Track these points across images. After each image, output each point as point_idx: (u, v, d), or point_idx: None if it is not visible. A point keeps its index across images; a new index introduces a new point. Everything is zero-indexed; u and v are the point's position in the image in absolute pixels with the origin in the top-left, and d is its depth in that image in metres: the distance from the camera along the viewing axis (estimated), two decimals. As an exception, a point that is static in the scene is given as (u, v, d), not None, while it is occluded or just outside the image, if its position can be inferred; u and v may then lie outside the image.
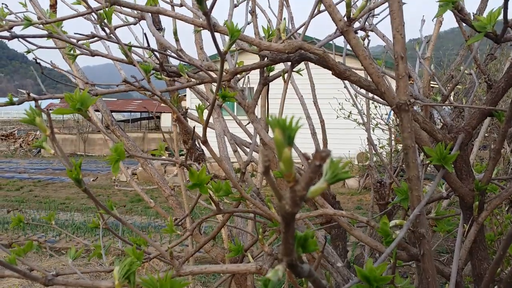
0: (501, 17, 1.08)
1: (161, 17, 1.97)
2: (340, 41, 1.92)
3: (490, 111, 1.20)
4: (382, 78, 1.13)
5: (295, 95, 2.31)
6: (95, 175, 16.08)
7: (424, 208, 1.10)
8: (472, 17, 1.09)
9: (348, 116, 7.39)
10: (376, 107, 6.91)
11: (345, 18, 1.10)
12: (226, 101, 1.14)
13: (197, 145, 2.60)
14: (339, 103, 7.62)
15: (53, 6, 2.50)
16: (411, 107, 1.03)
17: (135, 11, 1.68)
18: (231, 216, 1.31)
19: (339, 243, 2.51)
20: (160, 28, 2.21)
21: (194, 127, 1.15)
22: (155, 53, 1.23)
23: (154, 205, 2.36)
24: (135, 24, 1.74)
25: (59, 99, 2.14)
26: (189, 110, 2.33)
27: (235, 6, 1.53)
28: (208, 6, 0.77)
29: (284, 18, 1.33)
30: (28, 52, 1.62)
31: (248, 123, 1.74)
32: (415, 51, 1.97)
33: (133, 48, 1.45)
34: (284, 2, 1.84)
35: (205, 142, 1.12)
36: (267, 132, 1.44)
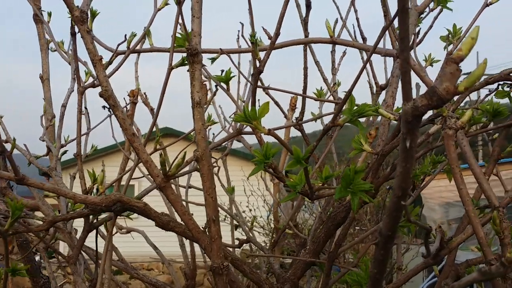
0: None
1: None
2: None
3: (313, 262, 1.21)
4: (202, 234, 1.10)
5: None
6: None
7: None
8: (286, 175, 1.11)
9: (224, 219, 7.36)
10: (251, 210, 6.98)
11: (162, 175, 1.07)
12: (16, 275, 1.03)
13: (41, 273, 2.37)
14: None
15: None
16: (225, 271, 1.00)
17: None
18: None
19: None
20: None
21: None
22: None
23: None
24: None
25: None
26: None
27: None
28: None
29: (103, 170, 1.27)
30: None
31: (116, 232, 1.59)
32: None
33: None
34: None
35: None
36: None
